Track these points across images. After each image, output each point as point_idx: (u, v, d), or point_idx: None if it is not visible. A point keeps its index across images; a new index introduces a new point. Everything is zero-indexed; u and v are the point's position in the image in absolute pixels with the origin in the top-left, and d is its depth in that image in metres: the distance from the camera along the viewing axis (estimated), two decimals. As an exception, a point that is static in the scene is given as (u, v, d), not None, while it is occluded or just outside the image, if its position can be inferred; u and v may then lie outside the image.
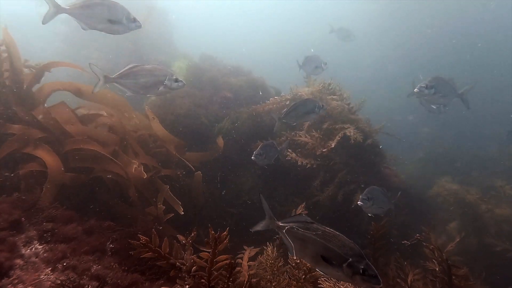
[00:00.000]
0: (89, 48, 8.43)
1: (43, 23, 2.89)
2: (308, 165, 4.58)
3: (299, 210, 3.76)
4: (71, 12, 2.83)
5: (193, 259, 2.47)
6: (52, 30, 8.95)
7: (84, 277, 2.33)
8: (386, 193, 3.88)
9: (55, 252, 2.49)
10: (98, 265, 2.49)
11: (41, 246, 2.59)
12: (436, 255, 3.10)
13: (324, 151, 4.58)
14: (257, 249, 3.44)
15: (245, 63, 7.32)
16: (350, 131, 4.54)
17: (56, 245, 2.59)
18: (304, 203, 3.83)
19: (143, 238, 2.32)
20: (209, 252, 2.24)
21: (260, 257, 3.09)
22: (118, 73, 3.03)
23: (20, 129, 3.51)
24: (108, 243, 2.84)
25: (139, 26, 2.98)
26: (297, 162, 4.61)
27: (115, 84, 3.07)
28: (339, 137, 4.58)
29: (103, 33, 3.02)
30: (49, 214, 2.88)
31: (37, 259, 2.45)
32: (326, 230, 1.94)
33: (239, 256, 3.37)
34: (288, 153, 4.66)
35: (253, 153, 3.90)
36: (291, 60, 5.65)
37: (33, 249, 2.54)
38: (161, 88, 3.10)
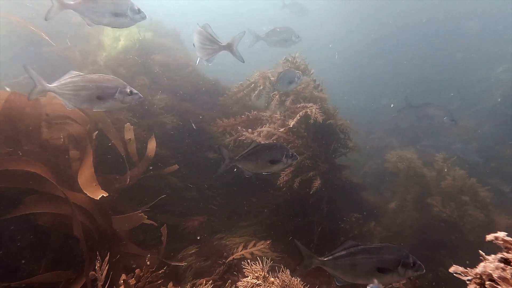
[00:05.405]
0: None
1: (45, 20, 2.71)
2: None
3: (260, 246, 3.51)
4: (76, 7, 2.70)
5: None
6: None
7: None
8: None
9: None
10: None
11: None
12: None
13: (282, 130, 4.08)
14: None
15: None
16: (312, 110, 4.08)
17: None
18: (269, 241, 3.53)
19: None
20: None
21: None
22: (56, 82, 2.62)
23: None
24: None
25: (144, 17, 2.90)
26: (251, 141, 4.03)
27: (54, 94, 2.64)
28: (299, 116, 4.11)
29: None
30: None
31: None
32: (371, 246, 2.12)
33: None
34: (244, 133, 4.08)
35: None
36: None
37: None
38: (110, 102, 2.75)
